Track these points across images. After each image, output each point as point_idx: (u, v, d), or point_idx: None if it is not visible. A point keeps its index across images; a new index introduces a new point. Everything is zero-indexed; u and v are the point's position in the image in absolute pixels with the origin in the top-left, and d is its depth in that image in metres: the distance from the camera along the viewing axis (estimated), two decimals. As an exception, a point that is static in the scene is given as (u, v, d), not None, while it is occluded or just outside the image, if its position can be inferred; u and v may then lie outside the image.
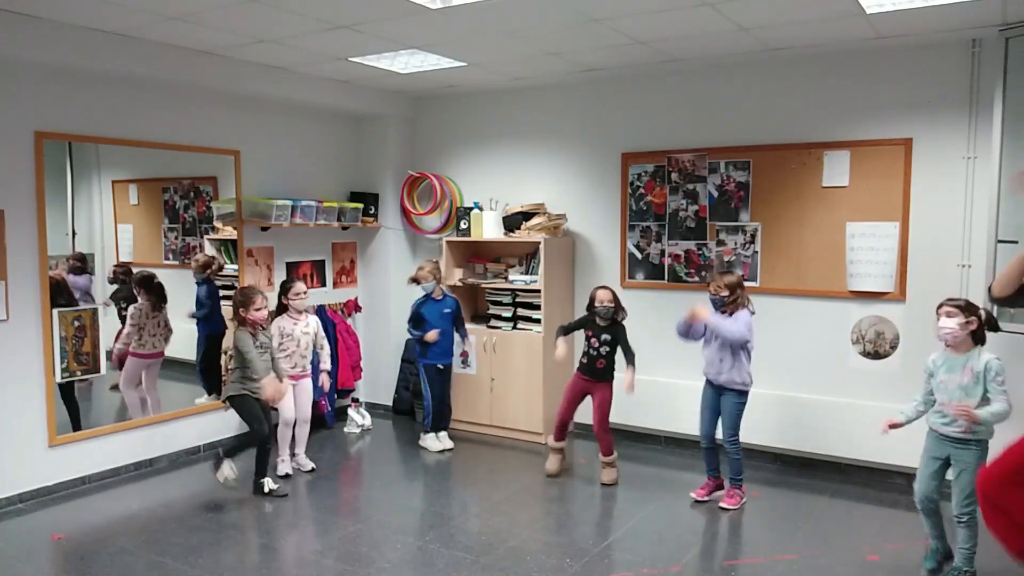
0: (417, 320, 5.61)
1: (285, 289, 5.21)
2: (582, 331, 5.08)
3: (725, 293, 4.46)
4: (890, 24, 4.33)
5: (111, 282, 5.15)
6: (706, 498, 4.64)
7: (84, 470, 4.88)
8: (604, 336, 4.93)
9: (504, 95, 6.30)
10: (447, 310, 5.66)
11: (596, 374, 4.97)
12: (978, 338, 3.51)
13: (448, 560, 3.85)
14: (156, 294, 5.31)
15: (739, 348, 4.44)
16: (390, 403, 6.77)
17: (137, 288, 5.24)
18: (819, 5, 4.02)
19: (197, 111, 5.42)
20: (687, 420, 5.28)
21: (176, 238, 5.52)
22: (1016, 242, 4.28)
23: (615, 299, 4.94)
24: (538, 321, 5.84)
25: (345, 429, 6.22)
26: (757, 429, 5.22)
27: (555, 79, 5.85)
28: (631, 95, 5.74)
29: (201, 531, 4.20)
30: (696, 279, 5.55)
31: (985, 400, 3.45)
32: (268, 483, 4.72)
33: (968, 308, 3.48)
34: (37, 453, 4.64)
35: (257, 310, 4.63)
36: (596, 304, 4.92)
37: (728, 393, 4.51)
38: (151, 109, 5.14)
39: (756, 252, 5.34)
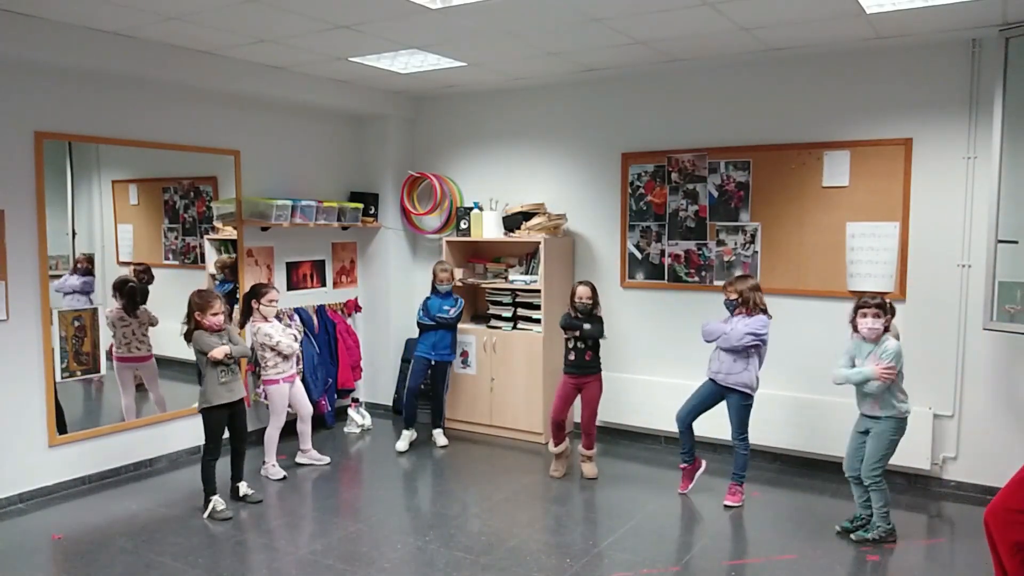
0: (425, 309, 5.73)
1: (258, 294, 5.01)
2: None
3: (734, 297, 4.56)
4: (890, 24, 4.33)
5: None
6: (690, 487, 4.76)
7: (84, 470, 4.88)
8: (587, 328, 4.99)
9: (504, 95, 6.29)
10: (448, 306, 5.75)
11: (584, 368, 5.01)
12: (886, 329, 4.07)
13: (448, 560, 3.85)
14: (128, 298, 5.13)
15: (751, 350, 4.48)
16: (390, 403, 6.77)
17: (114, 292, 5.09)
18: (819, 5, 4.02)
19: (197, 111, 5.42)
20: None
21: (176, 238, 5.52)
22: (1016, 242, 4.28)
23: (594, 295, 5.00)
24: (538, 321, 5.84)
25: (345, 429, 6.23)
26: (758, 429, 5.19)
27: (555, 79, 5.85)
28: (631, 95, 5.74)
29: (201, 531, 4.21)
30: (696, 279, 5.55)
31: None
32: (215, 501, 4.42)
33: (887, 308, 4.05)
34: (37, 453, 4.64)
35: (214, 315, 4.34)
36: (575, 300, 4.99)
37: (734, 394, 4.55)
38: (151, 109, 5.14)
39: (756, 252, 5.33)
